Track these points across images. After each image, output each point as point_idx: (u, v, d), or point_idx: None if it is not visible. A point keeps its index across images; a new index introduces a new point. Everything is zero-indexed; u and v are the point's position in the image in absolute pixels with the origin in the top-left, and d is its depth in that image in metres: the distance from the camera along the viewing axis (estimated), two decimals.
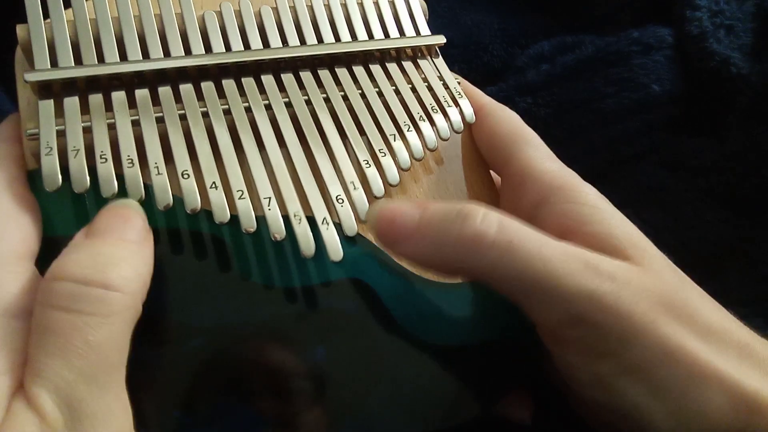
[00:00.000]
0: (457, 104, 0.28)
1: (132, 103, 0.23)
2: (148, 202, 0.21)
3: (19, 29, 0.23)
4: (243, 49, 0.25)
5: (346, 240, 0.24)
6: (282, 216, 0.22)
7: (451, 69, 0.29)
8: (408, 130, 0.26)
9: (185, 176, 0.22)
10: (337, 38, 0.27)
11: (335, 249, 0.23)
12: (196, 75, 0.24)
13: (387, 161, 0.25)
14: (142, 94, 0.23)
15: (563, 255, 0.20)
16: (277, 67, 0.26)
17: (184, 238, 0.23)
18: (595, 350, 0.20)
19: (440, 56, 0.29)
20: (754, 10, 0.37)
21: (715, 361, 0.20)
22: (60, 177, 0.21)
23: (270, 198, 0.22)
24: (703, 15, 0.36)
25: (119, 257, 0.19)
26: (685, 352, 0.20)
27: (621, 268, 0.20)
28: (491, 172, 0.29)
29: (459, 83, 0.29)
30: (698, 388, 0.19)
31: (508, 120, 0.27)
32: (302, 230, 0.22)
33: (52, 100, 0.22)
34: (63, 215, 0.22)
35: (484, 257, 0.20)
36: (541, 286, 0.20)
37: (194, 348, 0.21)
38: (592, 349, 0.20)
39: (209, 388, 0.21)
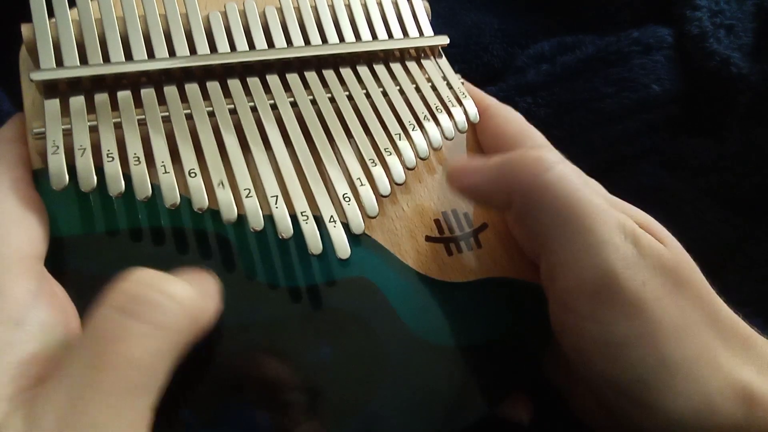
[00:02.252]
0: (461, 104, 0.28)
1: (138, 102, 0.23)
2: (154, 201, 0.22)
3: (24, 29, 0.23)
4: (248, 49, 0.25)
5: (352, 240, 0.24)
6: (289, 215, 0.22)
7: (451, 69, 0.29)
8: (413, 130, 0.26)
9: (192, 175, 0.22)
10: (342, 39, 0.27)
11: (343, 246, 0.23)
12: (201, 75, 0.24)
13: (392, 160, 0.25)
14: (147, 93, 0.23)
15: (606, 208, 0.21)
16: (282, 67, 0.26)
17: (189, 238, 0.23)
18: (610, 311, 0.20)
19: (444, 56, 0.30)
20: (754, 10, 0.37)
21: (719, 348, 0.20)
22: (67, 176, 0.21)
23: (277, 196, 0.22)
24: (703, 15, 0.36)
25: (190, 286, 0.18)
26: (694, 332, 0.20)
27: (650, 240, 0.21)
28: None
29: (462, 83, 0.29)
30: (701, 371, 0.20)
31: (513, 120, 0.28)
32: (309, 228, 0.22)
33: (57, 100, 0.22)
34: (69, 215, 0.22)
35: (541, 175, 0.22)
36: (578, 223, 0.21)
37: (199, 348, 0.21)
38: (606, 309, 0.20)
39: (214, 388, 0.21)
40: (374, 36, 0.28)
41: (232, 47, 0.25)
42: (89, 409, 0.15)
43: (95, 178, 0.21)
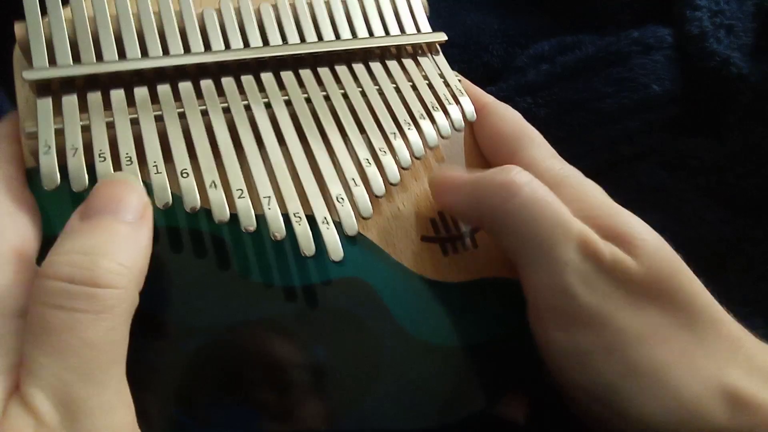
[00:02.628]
0: (458, 102, 0.28)
1: (131, 101, 0.23)
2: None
3: (17, 27, 0.23)
4: (242, 47, 0.25)
5: (347, 239, 0.23)
6: (282, 215, 0.22)
7: (451, 69, 0.29)
8: (409, 128, 0.26)
9: (184, 175, 0.22)
10: (337, 36, 0.27)
11: (336, 249, 0.22)
12: (195, 73, 0.24)
13: (387, 160, 0.25)
14: (141, 92, 0.23)
15: (568, 226, 0.22)
16: (276, 64, 0.26)
17: (184, 237, 0.22)
18: (574, 323, 0.21)
19: (441, 53, 0.29)
20: (754, 10, 0.37)
21: (695, 351, 0.20)
22: (58, 176, 0.21)
23: (270, 197, 0.22)
24: (703, 15, 0.36)
25: (111, 247, 0.18)
26: (664, 338, 0.21)
27: (615, 254, 0.22)
28: None
29: (460, 81, 0.29)
30: (675, 375, 0.20)
31: (511, 119, 0.28)
32: (302, 230, 0.22)
33: (50, 99, 0.22)
34: (62, 214, 0.22)
35: (509, 201, 0.22)
36: (541, 246, 0.22)
37: (193, 347, 0.21)
38: (571, 321, 0.21)
39: (209, 387, 0.21)
40: (370, 32, 0.28)
41: (227, 45, 0.25)
42: (75, 389, 0.17)
43: (87, 178, 0.21)
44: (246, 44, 0.25)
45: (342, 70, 0.27)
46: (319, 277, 0.23)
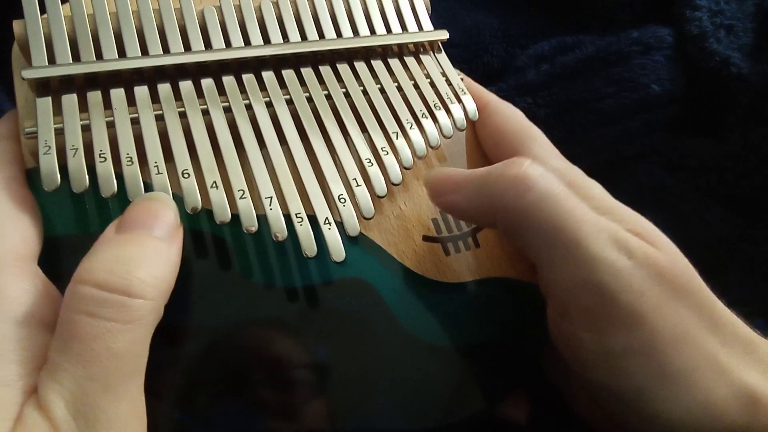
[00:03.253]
0: (460, 101, 0.28)
1: (131, 100, 0.23)
2: None
3: (16, 25, 0.23)
4: (243, 45, 0.25)
5: (348, 239, 0.23)
6: (284, 215, 0.22)
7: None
8: (411, 128, 0.26)
9: (185, 175, 0.22)
10: (339, 34, 0.27)
11: (337, 249, 0.22)
12: (195, 72, 0.24)
13: (389, 159, 0.25)
14: (141, 91, 0.23)
15: (595, 221, 0.21)
16: (277, 63, 0.26)
17: (185, 238, 0.22)
18: (607, 324, 0.20)
19: (443, 52, 0.29)
20: (754, 10, 0.37)
21: (720, 353, 0.20)
22: (59, 176, 0.21)
23: (271, 197, 0.22)
24: (703, 15, 0.36)
25: (143, 259, 0.19)
26: (694, 340, 0.20)
27: (645, 248, 0.21)
28: None
29: (462, 79, 0.29)
30: (703, 378, 0.19)
31: (513, 118, 0.27)
32: (304, 230, 0.22)
33: (50, 98, 0.22)
34: (63, 214, 0.22)
35: (523, 197, 0.21)
36: (567, 242, 0.20)
37: (195, 348, 0.21)
38: (603, 322, 0.20)
39: (210, 388, 0.21)
40: (372, 30, 0.28)
41: (227, 43, 0.25)
42: (93, 399, 0.17)
43: (87, 178, 0.21)
44: (247, 42, 0.25)
45: (343, 68, 0.26)
46: (321, 277, 0.23)
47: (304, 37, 0.26)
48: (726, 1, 0.37)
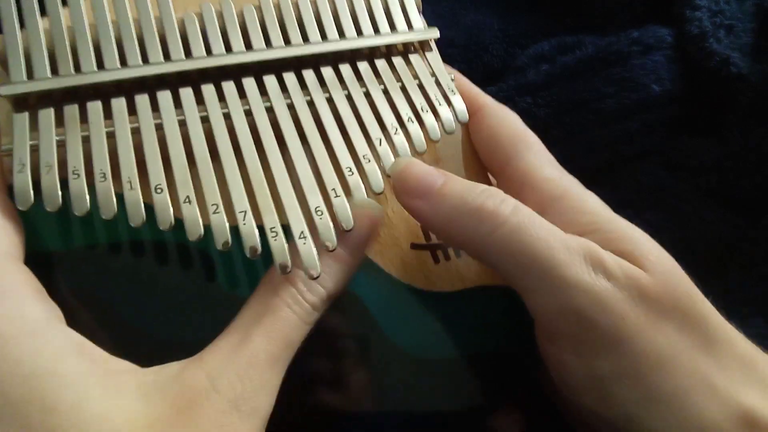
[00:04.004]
0: (449, 103, 0.26)
1: (108, 113, 0.22)
2: (122, 217, 0.21)
3: None
4: (224, 52, 0.24)
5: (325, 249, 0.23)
6: (258, 227, 0.21)
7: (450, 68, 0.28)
8: (395, 133, 0.25)
9: (158, 191, 0.21)
10: (324, 36, 0.26)
11: (312, 264, 0.21)
12: (175, 81, 0.23)
13: (371, 168, 0.23)
14: (118, 103, 0.22)
15: (567, 246, 0.20)
16: (258, 69, 0.24)
17: (170, 250, 0.22)
18: (590, 348, 0.20)
19: (435, 50, 0.28)
20: (754, 10, 0.37)
21: (714, 373, 0.19)
22: (32, 195, 0.20)
23: (245, 212, 0.21)
24: (703, 15, 0.36)
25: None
26: (684, 361, 0.19)
27: (625, 268, 0.20)
28: (489, 175, 0.28)
29: (453, 79, 0.27)
30: (695, 400, 0.19)
31: (508, 122, 0.27)
32: (278, 245, 0.21)
33: (27, 114, 0.21)
34: (47, 229, 0.21)
35: (495, 231, 0.21)
36: (541, 270, 0.20)
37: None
38: (587, 346, 0.20)
39: None
40: (359, 32, 0.26)
41: (208, 51, 0.24)
42: (257, 372, 0.19)
43: (60, 197, 0.20)
44: (228, 49, 0.24)
45: (327, 71, 0.25)
46: None
47: (287, 41, 0.25)
48: (726, 1, 0.37)
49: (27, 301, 0.18)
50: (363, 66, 0.26)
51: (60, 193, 0.20)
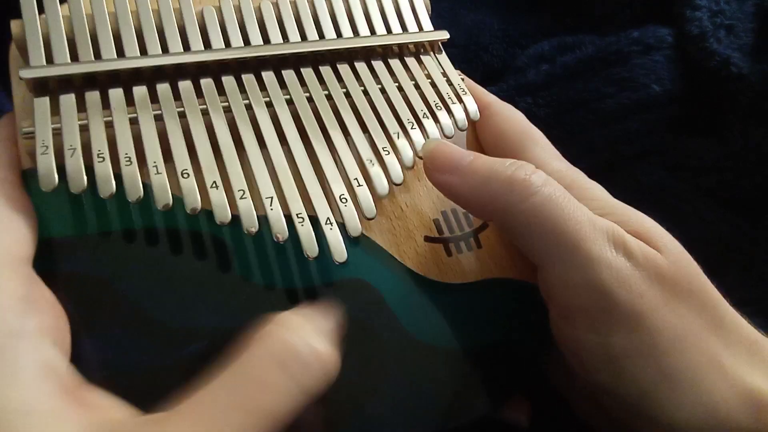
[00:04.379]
0: (461, 101, 0.28)
1: (129, 100, 0.23)
2: (148, 201, 0.21)
3: (14, 25, 0.22)
4: (243, 45, 0.25)
5: (349, 240, 0.23)
6: (284, 216, 0.22)
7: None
8: (412, 128, 0.26)
9: (185, 175, 0.21)
10: (339, 34, 0.27)
11: (339, 250, 0.22)
12: (195, 72, 0.24)
13: (391, 159, 0.25)
14: (140, 91, 0.23)
15: (594, 222, 0.21)
16: (277, 63, 0.25)
17: (184, 238, 0.22)
18: (608, 325, 0.20)
19: (443, 52, 0.29)
20: (754, 10, 0.37)
21: (723, 353, 0.20)
22: (56, 177, 0.20)
23: (272, 198, 0.22)
24: (703, 15, 0.36)
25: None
26: (696, 341, 0.20)
27: (644, 250, 0.21)
28: None
29: (463, 80, 0.29)
30: (707, 379, 0.19)
31: (514, 119, 0.27)
32: (305, 231, 0.22)
33: (47, 98, 0.22)
34: (59, 215, 0.21)
35: (527, 200, 0.21)
36: (567, 243, 0.21)
37: (194, 350, 0.21)
38: (604, 323, 0.20)
39: None
40: (372, 31, 0.28)
41: (227, 43, 0.25)
42: None
43: (86, 179, 0.21)
44: (246, 42, 0.25)
45: (344, 68, 0.26)
46: (322, 278, 0.23)
47: (304, 37, 0.26)
48: (726, 1, 0.37)
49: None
50: (378, 64, 0.27)
51: (85, 175, 0.21)
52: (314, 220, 0.22)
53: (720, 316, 0.21)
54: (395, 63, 0.28)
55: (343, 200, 0.23)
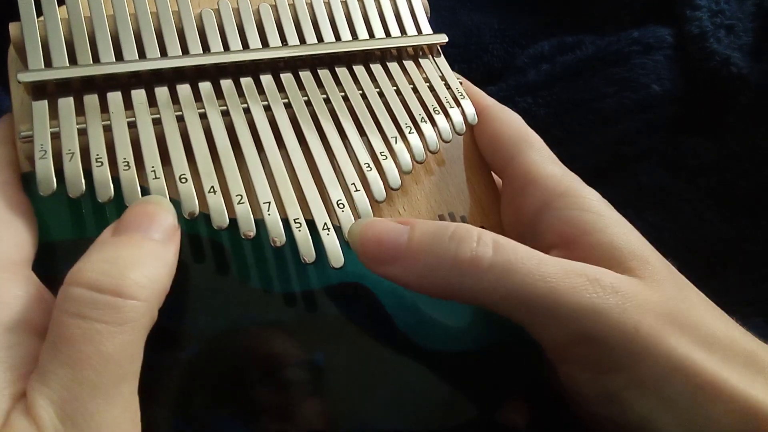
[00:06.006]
0: (459, 105, 0.28)
1: (128, 104, 0.23)
2: None
3: (12, 28, 0.22)
4: (241, 48, 0.25)
5: (347, 245, 0.23)
6: (282, 220, 0.22)
7: (452, 69, 0.29)
8: (410, 132, 0.26)
9: (183, 180, 0.21)
10: (338, 37, 0.27)
11: (336, 255, 0.22)
12: (193, 75, 0.24)
13: (388, 164, 0.25)
14: (138, 94, 0.23)
15: (563, 271, 0.20)
16: (276, 66, 0.25)
17: (183, 242, 0.22)
18: (604, 366, 0.20)
19: (442, 55, 0.29)
20: (754, 10, 0.37)
21: (720, 371, 0.20)
22: (55, 181, 0.20)
23: (269, 202, 0.22)
24: (703, 15, 0.36)
25: (138, 260, 0.18)
26: (691, 364, 0.20)
27: (623, 281, 0.20)
28: (493, 174, 0.28)
29: (461, 83, 0.29)
30: (706, 400, 0.19)
31: (511, 122, 0.27)
32: (302, 236, 0.22)
33: (46, 101, 0.22)
34: (59, 219, 0.21)
35: (482, 280, 0.20)
36: (543, 305, 0.19)
37: (192, 354, 0.21)
38: (600, 364, 0.20)
39: (207, 394, 0.21)
40: (371, 34, 0.27)
41: (225, 46, 0.25)
42: (82, 403, 0.16)
43: (84, 183, 0.21)
44: (245, 46, 0.25)
45: (342, 71, 0.26)
46: (319, 282, 0.23)
47: (302, 40, 0.26)
48: (726, 1, 0.36)
49: None
50: (376, 68, 0.27)
51: (83, 179, 0.21)
52: (312, 225, 0.22)
53: (711, 333, 0.20)
54: (394, 66, 0.27)
55: (341, 205, 0.23)
